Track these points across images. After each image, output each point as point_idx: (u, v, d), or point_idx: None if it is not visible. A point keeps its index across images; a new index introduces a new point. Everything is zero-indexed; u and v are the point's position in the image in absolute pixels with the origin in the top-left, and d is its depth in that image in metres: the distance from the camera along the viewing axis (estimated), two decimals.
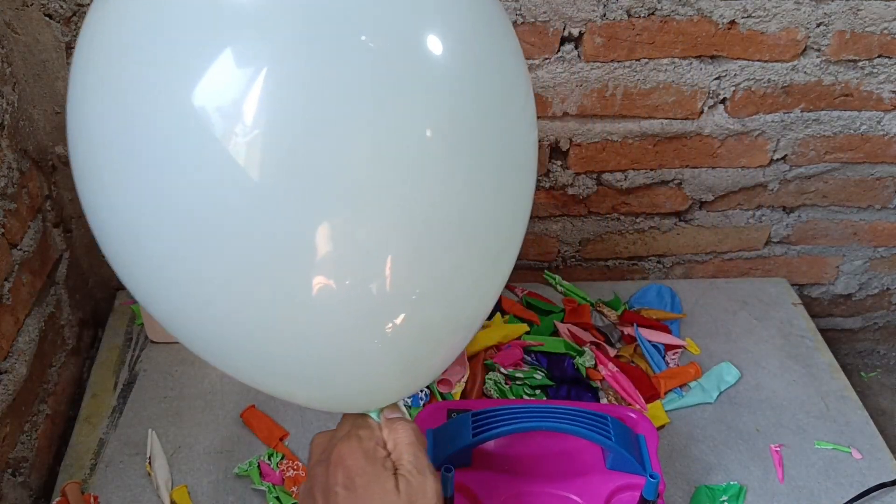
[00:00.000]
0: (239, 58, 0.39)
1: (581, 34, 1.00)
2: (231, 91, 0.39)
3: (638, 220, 1.22)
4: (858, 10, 1.01)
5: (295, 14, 0.39)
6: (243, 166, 0.39)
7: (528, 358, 1.10)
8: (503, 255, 0.51)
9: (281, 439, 0.98)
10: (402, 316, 0.46)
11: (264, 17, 0.39)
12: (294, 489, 0.92)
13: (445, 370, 1.06)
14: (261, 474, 0.93)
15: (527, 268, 1.26)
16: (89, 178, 0.45)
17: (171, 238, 0.43)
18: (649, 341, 1.13)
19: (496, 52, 0.45)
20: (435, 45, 0.41)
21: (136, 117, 0.41)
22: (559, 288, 1.24)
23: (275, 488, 0.92)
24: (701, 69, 1.05)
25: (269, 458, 0.95)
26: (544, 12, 0.97)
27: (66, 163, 1.04)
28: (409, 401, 1.01)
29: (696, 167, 1.15)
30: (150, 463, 0.93)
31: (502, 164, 0.46)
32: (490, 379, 1.05)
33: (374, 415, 0.59)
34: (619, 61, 1.03)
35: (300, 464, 0.95)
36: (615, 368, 1.08)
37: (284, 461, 0.95)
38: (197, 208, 0.41)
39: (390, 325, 0.46)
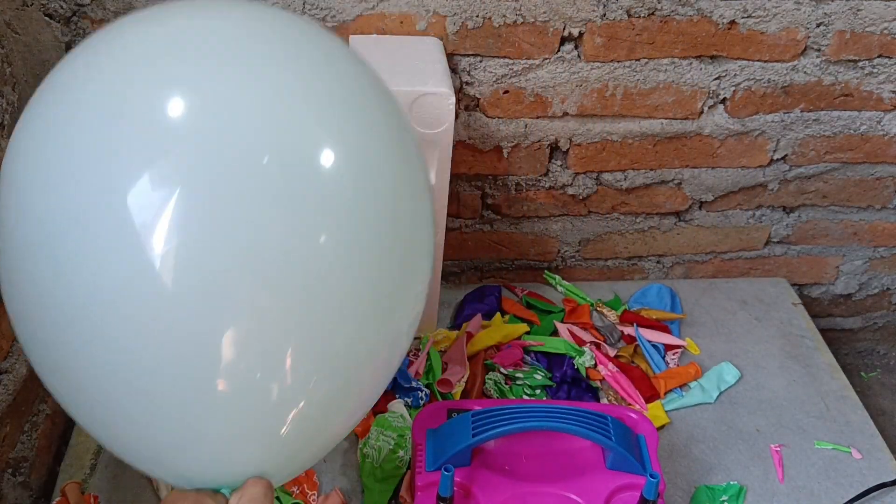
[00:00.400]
0: (155, 180, 0.43)
1: (581, 34, 1.00)
2: (148, 209, 0.43)
3: (638, 220, 1.22)
4: (858, 10, 1.01)
5: (207, 140, 0.44)
6: (158, 273, 0.43)
7: (528, 358, 1.10)
8: (400, 338, 0.55)
9: None
10: (300, 404, 0.48)
11: (181, 141, 0.43)
12: (295, 489, 0.92)
13: (445, 370, 1.06)
14: None
15: (527, 268, 1.26)
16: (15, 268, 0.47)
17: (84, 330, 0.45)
18: (649, 341, 1.13)
19: (386, 159, 0.50)
20: (327, 159, 0.46)
21: (65, 219, 0.44)
22: (559, 288, 1.24)
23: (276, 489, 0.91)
24: (701, 69, 1.05)
25: None
26: (544, 12, 0.97)
27: None
28: (409, 401, 1.01)
29: (696, 167, 1.15)
30: None
31: (397, 260, 0.50)
32: (490, 379, 1.05)
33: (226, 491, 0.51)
34: (619, 61, 1.03)
35: None
36: (615, 368, 1.08)
37: None
38: (114, 305, 0.44)
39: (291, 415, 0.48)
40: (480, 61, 1.01)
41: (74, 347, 0.45)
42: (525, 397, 1.04)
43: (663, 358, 1.12)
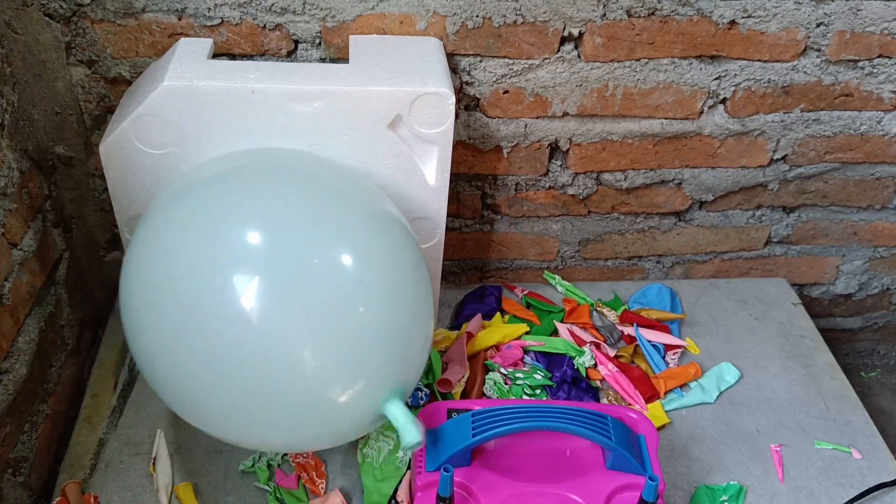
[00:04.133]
0: (244, 268, 0.69)
1: (581, 34, 1.00)
2: (236, 290, 0.68)
3: (638, 220, 1.22)
4: (858, 10, 1.01)
5: (283, 249, 0.70)
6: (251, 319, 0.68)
7: (528, 358, 1.10)
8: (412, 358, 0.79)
9: None
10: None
11: (264, 246, 0.70)
12: (304, 474, 0.93)
13: (445, 370, 1.06)
14: (270, 477, 0.93)
15: (527, 268, 1.26)
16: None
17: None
18: (649, 341, 1.13)
19: (387, 257, 0.75)
20: (349, 261, 0.72)
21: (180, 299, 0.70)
22: (559, 288, 1.24)
23: (279, 489, 0.92)
24: (701, 69, 1.05)
25: (277, 453, 0.95)
26: (544, 12, 0.97)
27: (65, 163, 1.04)
28: (409, 400, 1.01)
29: (696, 167, 1.15)
30: (153, 464, 0.93)
31: (402, 311, 0.75)
32: (490, 379, 1.05)
33: None
34: (619, 61, 1.03)
35: (308, 452, 0.96)
36: (615, 368, 1.08)
37: None
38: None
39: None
40: (480, 61, 1.01)
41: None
42: (525, 397, 1.04)
43: (663, 358, 1.12)
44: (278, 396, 0.70)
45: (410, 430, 0.73)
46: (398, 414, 0.73)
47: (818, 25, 1.02)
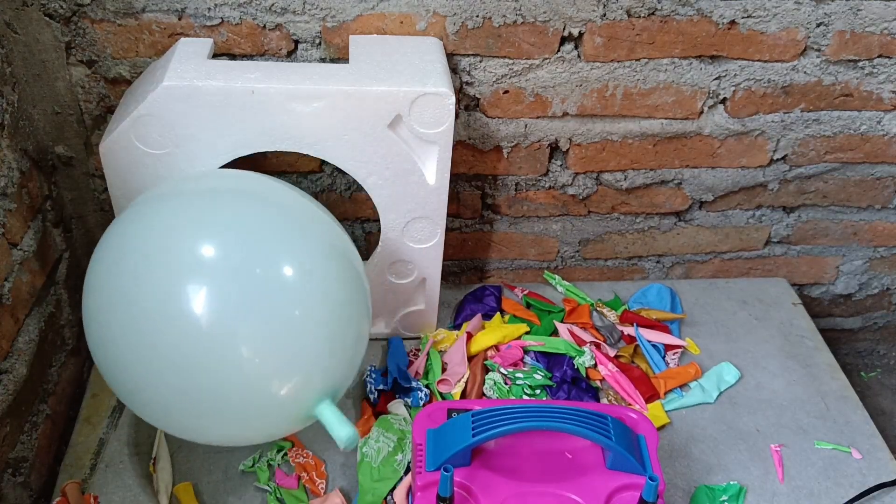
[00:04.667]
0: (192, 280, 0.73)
1: (581, 34, 1.00)
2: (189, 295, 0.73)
3: (638, 220, 1.22)
4: (858, 10, 1.01)
5: (230, 259, 0.74)
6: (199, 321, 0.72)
7: (528, 358, 1.10)
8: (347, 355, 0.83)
9: None
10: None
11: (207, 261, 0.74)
12: (304, 474, 0.93)
13: (445, 370, 1.06)
14: (270, 477, 0.94)
15: (527, 268, 1.26)
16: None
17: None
18: (649, 341, 1.13)
19: (325, 265, 0.80)
20: (288, 270, 0.76)
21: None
22: (559, 288, 1.24)
23: (279, 489, 0.92)
24: (701, 69, 1.05)
25: (277, 453, 0.95)
26: (544, 12, 0.97)
27: (65, 163, 1.04)
28: (409, 401, 1.02)
29: (696, 167, 1.15)
30: (154, 464, 0.93)
31: (338, 309, 0.80)
32: (490, 379, 1.05)
33: None
34: (619, 61, 1.03)
35: (308, 452, 0.96)
36: (615, 368, 1.08)
37: (293, 449, 0.96)
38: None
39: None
40: (480, 61, 1.01)
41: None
42: (525, 397, 1.04)
43: (663, 358, 1.12)
44: (219, 391, 0.74)
45: (342, 429, 0.76)
46: (329, 415, 0.77)
47: (818, 25, 1.02)
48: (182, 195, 0.80)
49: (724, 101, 1.09)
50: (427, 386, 1.04)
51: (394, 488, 0.91)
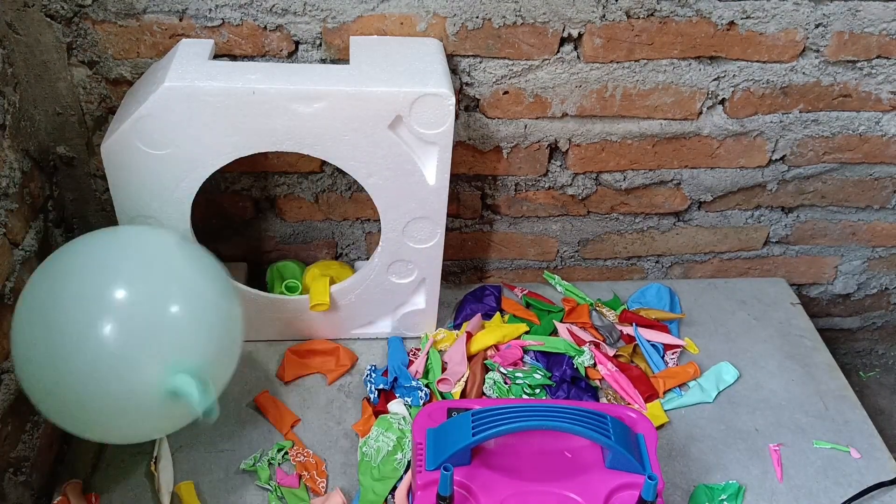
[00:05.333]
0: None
1: (580, 35, 1.00)
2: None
3: (637, 221, 1.22)
4: (857, 10, 1.02)
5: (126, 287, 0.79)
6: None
7: (528, 357, 1.10)
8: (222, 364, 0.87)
9: (292, 426, 1.00)
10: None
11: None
12: (305, 473, 0.93)
13: (445, 370, 1.07)
14: (271, 476, 0.94)
15: (526, 268, 1.27)
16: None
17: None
18: (648, 341, 1.14)
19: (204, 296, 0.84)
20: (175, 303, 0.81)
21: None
22: (559, 288, 1.24)
23: (279, 488, 0.92)
24: (700, 70, 1.05)
25: (278, 452, 0.96)
26: (544, 13, 0.97)
27: (67, 163, 1.04)
28: (409, 400, 1.02)
29: (695, 167, 1.16)
30: (155, 463, 0.93)
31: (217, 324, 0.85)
32: (490, 379, 1.05)
33: None
34: (618, 62, 1.03)
35: (309, 451, 0.97)
36: (614, 368, 1.08)
37: (294, 448, 0.97)
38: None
39: None
40: (480, 62, 1.01)
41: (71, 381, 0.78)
42: (524, 397, 1.04)
43: (662, 357, 1.12)
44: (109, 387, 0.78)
45: (198, 397, 0.78)
46: (185, 385, 0.78)
47: (817, 26, 1.03)
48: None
49: (722, 101, 1.09)
50: (427, 385, 1.05)
51: (394, 487, 0.92)
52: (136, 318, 0.78)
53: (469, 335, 1.10)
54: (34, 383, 0.80)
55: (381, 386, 1.03)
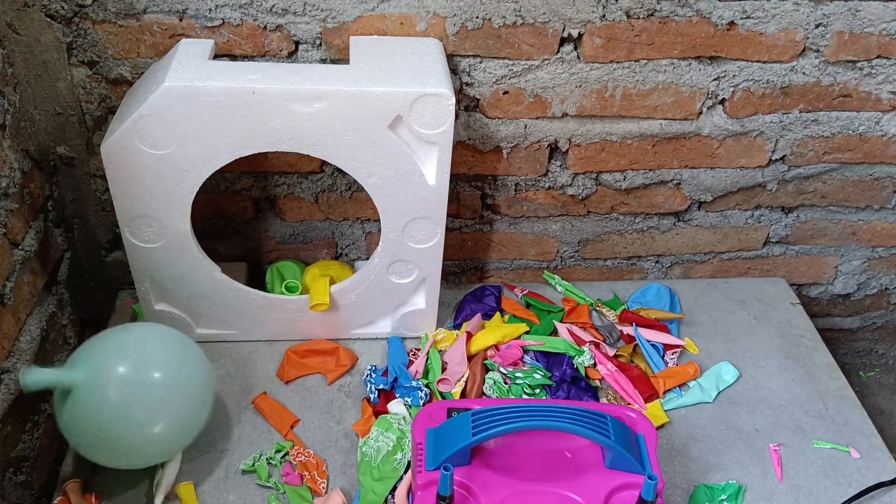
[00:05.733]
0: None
1: (580, 35, 1.00)
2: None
3: (637, 221, 1.22)
4: (857, 10, 1.02)
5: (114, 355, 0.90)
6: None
7: (528, 357, 1.10)
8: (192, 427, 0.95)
9: (291, 426, 1.00)
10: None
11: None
12: (306, 474, 0.94)
13: (445, 370, 1.07)
14: (270, 475, 0.94)
15: (526, 268, 1.27)
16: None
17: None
18: (648, 341, 1.14)
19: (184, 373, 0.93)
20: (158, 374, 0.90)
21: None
22: (559, 288, 1.24)
23: (281, 486, 0.92)
24: (700, 70, 1.05)
25: (276, 453, 0.96)
26: (544, 13, 0.98)
27: (67, 163, 1.04)
28: (409, 400, 1.02)
29: (695, 167, 1.16)
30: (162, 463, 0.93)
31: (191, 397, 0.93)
32: (490, 378, 1.05)
33: None
34: (618, 62, 1.03)
35: (310, 451, 0.97)
36: (614, 368, 1.08)
37: (294, 448, 0.97)
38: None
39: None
40: (480, 62, 1.01)
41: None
42: (524, 397, 1.04)
43: (662, 357, 1.12)
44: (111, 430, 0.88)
45: (57, 376, 0.86)
46: (43, 377, 0.86)
47: (817, 26, 1.03)
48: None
49: (722, 101, 1.09)
50: (427, 385, 1.05)
51: (394, 487, 0.92)
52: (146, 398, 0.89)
53: (469, 335, 1.11)
54: (78, 440, 0.91)
55: (381, 386, 1.03)
